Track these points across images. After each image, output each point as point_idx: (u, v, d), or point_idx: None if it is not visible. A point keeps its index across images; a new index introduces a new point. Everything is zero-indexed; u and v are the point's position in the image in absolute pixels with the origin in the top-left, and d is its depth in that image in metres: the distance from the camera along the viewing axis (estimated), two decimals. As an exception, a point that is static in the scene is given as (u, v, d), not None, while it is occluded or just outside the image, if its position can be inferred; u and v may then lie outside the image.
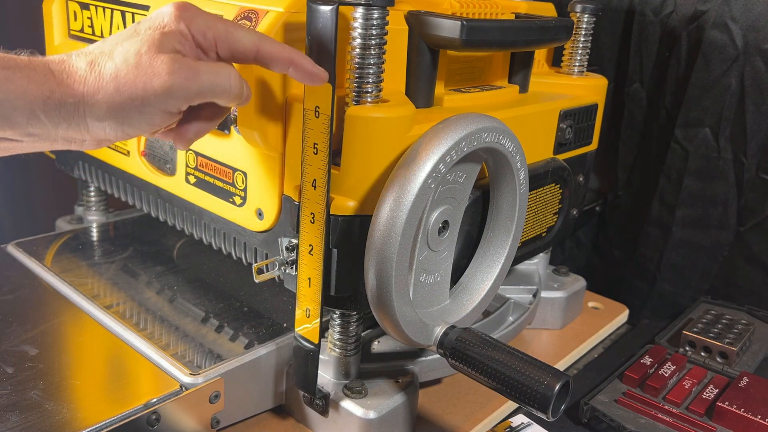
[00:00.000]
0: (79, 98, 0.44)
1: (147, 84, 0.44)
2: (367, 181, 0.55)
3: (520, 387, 0.52)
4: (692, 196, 0.93)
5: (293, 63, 0.49)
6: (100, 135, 0.46)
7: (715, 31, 0.86)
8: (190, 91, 0.45)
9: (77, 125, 0.45)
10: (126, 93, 0.44)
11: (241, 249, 0.67)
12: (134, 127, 0.46)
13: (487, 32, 0.62)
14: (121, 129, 0.46)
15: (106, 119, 0.45)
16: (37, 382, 0.60)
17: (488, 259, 0.65)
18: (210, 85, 0.46)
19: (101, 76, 0.44)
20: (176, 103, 0.45)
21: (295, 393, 0.67)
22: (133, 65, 0.44)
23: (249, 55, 0.49)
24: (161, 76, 0.44)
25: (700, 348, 0.82)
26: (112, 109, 0.44)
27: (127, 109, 0.44)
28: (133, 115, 0.45)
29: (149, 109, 0.45)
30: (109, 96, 0.44)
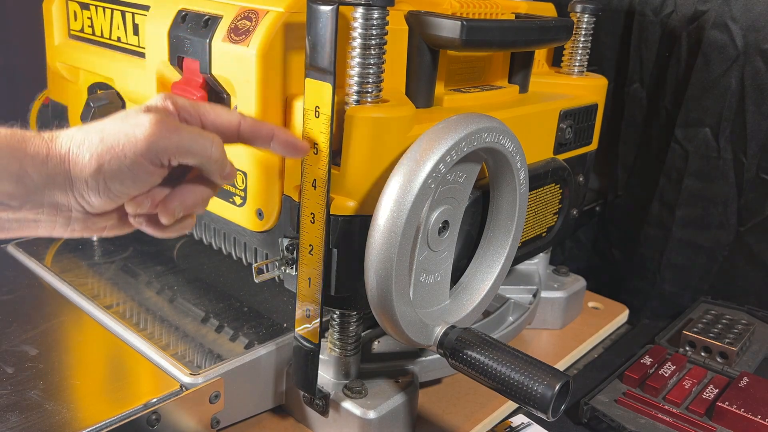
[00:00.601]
0: (64, 151, 0.45)
1: (130, 133, 0.45)
2: (367, 181, 0.55)
3: (520, 387, 0.52)
4: (692, 196, 0.93)
5: (275, 137, 0.51)
6: (83, 191, 0.45)
7: (715, 31, 0.86)
8: (171, 143, 0.46)
9: (62, 183, 0.45)
10: (109, 141, 0.45)
11: (241, 249, 0.67)
12: (118, 179, 0.45)
13: (487, 32, 0.62)
14: (104, 183, 0.45)
15: (90, 169, 0.45)
16: (37, 382, 0.60)
17: (488, 259, 0.65)
18: (191, 142, 0.46)
19: (87, 131, 0.45)
20: (158, 154, 0.45)
21: (295, 393, 0.67)
22: (119, 119, 0.46)
23: (232, 128, 0.50)
24: (144, 126, 0.45)
25: (700, 348, 0.82)
26: (94, 157, 0.44)
27: (110, 158, 0.45)
28: (115, 166, 0.45)
29: (132, 159, 0.45)
30: (93, 146, 0.45)
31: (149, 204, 0.48)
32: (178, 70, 0.63)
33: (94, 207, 0.47)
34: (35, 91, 0.92)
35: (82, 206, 0.46)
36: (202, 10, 0.61)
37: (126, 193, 0.47)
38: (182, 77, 0.63)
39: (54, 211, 0.46)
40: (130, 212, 0.48)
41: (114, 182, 0.45)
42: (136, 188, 0.47)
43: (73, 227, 0.47)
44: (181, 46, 0.62)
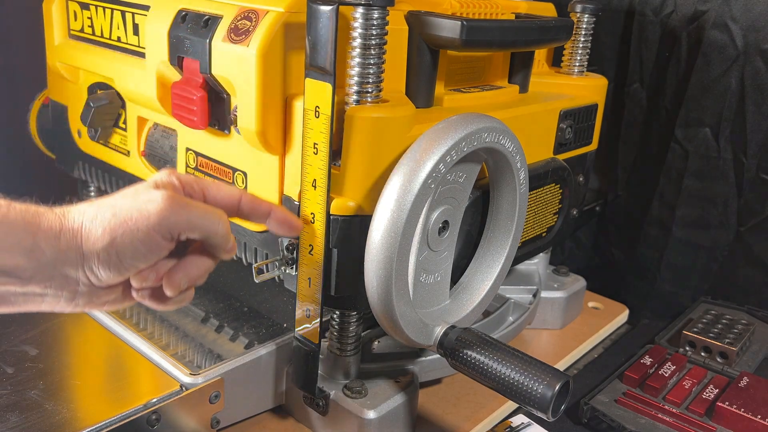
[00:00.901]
0: (77, 226, 0.46)
1: (143, 208, 0.46)
2: (367, 181, 0.55)
3: (520, 387, 0.52)
4: (692, 196, 0.93)
5: (272, 214, 0.54)
6: (93, 264, 0.46)
7: (715, 31, 0.86)
8: (181, 218, 0.47)
9: (74, 257, 0.46)
10: (122, 216, 0.46)
11: (241, 249, 0.67)
12: (129, 252, 0.47)
13: (487, 32, 0.62)
14: (116, 256, 0.46)
15: (102, 242, 0.46)
16: (37, 382, 0.60)
17: (488, 259, 0.65)
18: (200, 218, 0.48)
19: (100, 206, 0.47)
20: (169, 228, 0.47)
21: (295, 393, 0.67)
22: (131, 195, 0.48)
23: (233, 203, 0.52)
24: (157, 201, 0.47)
25: (700, 348, 0.82)
26: (107, 231, 0.46)
27: (122, 232, 0.46)
28: (128, 239, 0.46)
29: (144, 232, 0.46)
30: (106, 220, 0.46)
31: (154, 277, 0.49)
32: (178, 70, 0.63)
33: (102, 281, 0.48)
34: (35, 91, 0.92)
35: (89, 280, 0.47)
36: (202, 10, 0.61)
37: (135, 267, 0.48)
38: (182, 77, 0.63)
39: (61, 285, 0.47)
40: (135, 286, 0.49)
41: (125, 255, 0.47)
42: (145, 261, 0.48)
43: (77, 302, 0.48)
44: (181, 46, 0.62)
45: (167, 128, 0.72)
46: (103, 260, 0.47)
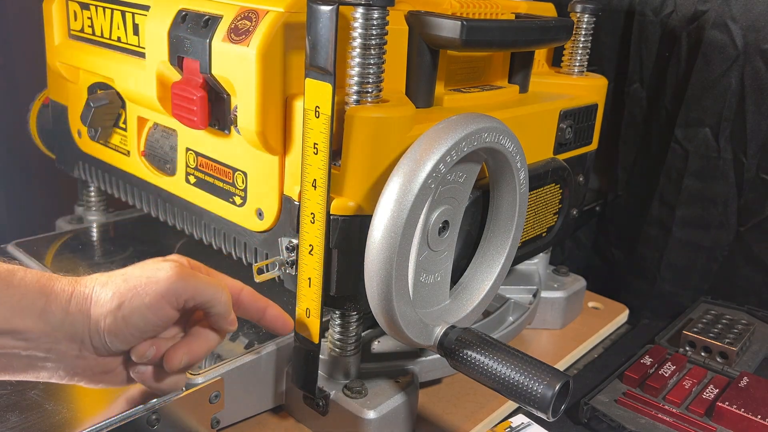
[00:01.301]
0: (89, 291, 0.49)
1: (152, 276, 0.49)
2: (367, 181, 0.55)
3: (520, 387, 0.52)
4: (692, 196, 0.93)
5: (266, 311, 0.58)
6: (99, 326, 0.48)
7: (715, 31, 0.86)
8: (189, 285, 0.50)
9: (81, 321, 0.48)
10: (132, 282, 0.49)
11: (241, 249, 0.67)
12: (135, 317, 0.49)
13: (487, 32, 0.62)
14: (122, 320, 0.48)
15: (111, 305, 0.48)
16: (37, 382, 0.59)
17: (488, 259, 0.65)
18: (205, 287, 0.51)
19: (111, 275, 0.50)
20: (176, 295, 0.50)
21: (295, 393, 0.67)
22: (141, 265, 0.51)
23: (234, 292, 0.56)
24: (166, 269, 0.50)
25: (700, 348, 0.82)
26: (116, 295, 0.48)
27: (131, 296, 0.48)
28: (136, 303, 0.48)
29: (152, 297, 0.49)
30: (116, 285, 0.49)
31: (154, 353, 0.51)
32: (178, 70, 0.63)
33: (105, 348, 0.49)
34: (35, 91, 0.92)
35: (92, 346, 0.49)
36: (202, 10, 0.61)
37: (140, 333, 0.50)
38: (182, 77, 0.63)
39: (64, 352, 0.48)
40: (135, 358, 0.51)
41: (131, 319, 0.49)
42: (150, 328, 0.50)
43: (75, 373, 0.50)
44: (181, 46, 0.62)
45: (167, 128, 0.72)
46: (110, 324, 0.48)
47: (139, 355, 0.51)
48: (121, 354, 0.51)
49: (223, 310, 0.53)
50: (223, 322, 0.54)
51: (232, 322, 0.55)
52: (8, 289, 0.45)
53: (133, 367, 0.52)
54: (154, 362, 0.52)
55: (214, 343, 0.55)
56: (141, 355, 0.51)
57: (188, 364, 0.53)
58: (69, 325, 0.47)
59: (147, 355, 0.51)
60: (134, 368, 0.52)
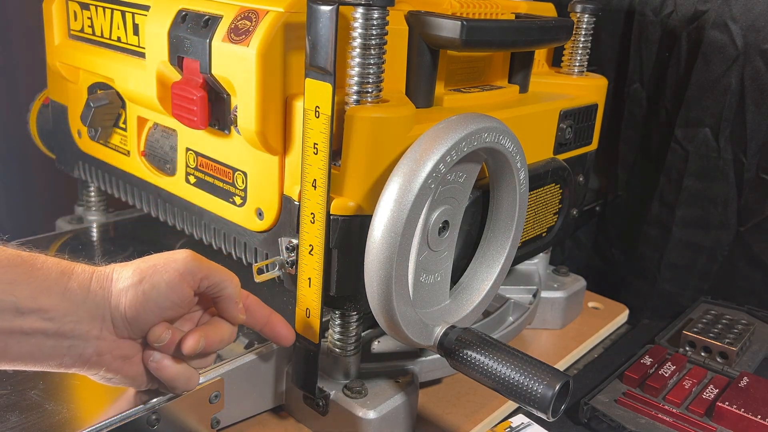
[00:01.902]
0: (109, 270, 0.51)
1: (170, 257, 0.53)
2: (367, 181, 0.55)
3: (520, 387, 0.52)
4: (692, 196, 0.93)
5: (269, 319, 0.60)
6: (120, 301, 0.50)
7: (715, 31, 0.86)
8: (203, 268, 0.53)
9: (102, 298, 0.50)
10: (151, 261, 0.52)
11: (241, 249, 0.67)
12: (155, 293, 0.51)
13: (487, 32, 0.62)
14: (142, 295, 0.51)
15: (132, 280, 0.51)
16: (37, 382, 0.59)
17: (488, 259, 0.65)
18: (217, 270, 0.55)
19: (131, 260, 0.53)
20: (193, 274, 0.53)
21: (295, 393, 0.67)
22: (156, 253, 0.54)
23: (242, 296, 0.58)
24: (183, 253, 0.53)
25: (700, 348, 0.82)
26: (136, 272, 0.51)
27: (151, 273, 0.51)
28: (156, 279, 0.51)
29: (171, 275, 0.52)
30: (135, 264, 0.52)
31: (169, 336, 0.53)
32: (178, 70, 0.63)
33: (124, 326, 0.51)
34: (35, 91, 0.92)
35: (113, 325, 0.51)
36: (202, 10, 0.61)
37: (158, 311, 0.52)
38: (182, 77, 0.63)
39: (86, 331, 0.50)
40: (151, 340, 0.52)
41: (150, 294, 0.51)
42: (167, 305, 0.52)
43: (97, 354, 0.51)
44: (181, 46, 0.62)
45: (167, 128, 0.72)
46: (131, 298, 0.50)
47: (156, 337, 0.52)
48: (140, 338, 0.53)
49: (233, 292, 0.56)
50: (234, 307, 0.56)
51: (241, 310, 0.57)
52: (32, 271, 0.48)
53: (149, 356, 0.53)
54: (170, 350, 0.53)
55: (227, 333, 0.56)
56: (157, 337, 0.52)
57: (204, 350, 0.54)
58: (90, 302, 0.49)
59: (163, 339, 0.52)
60: (151, 357, 0.53)
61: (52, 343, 0.48)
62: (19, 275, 0.47)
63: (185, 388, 0.56)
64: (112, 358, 0.51)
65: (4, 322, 0.46)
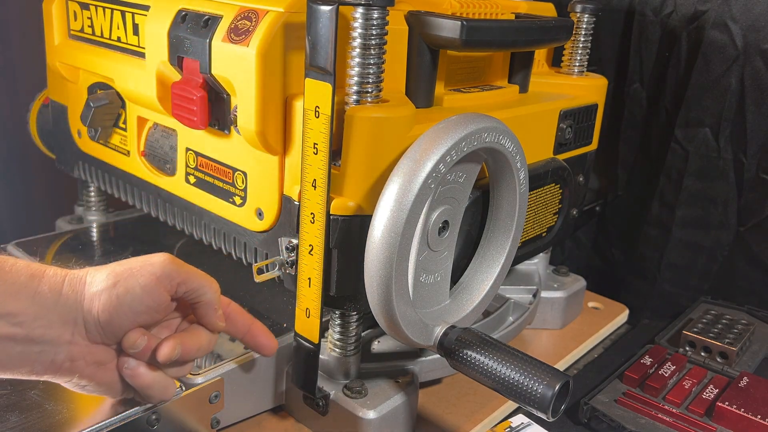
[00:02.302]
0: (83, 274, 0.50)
1: (146, 260, 0.51)
2: (367, 181, 0.55)
3: (520, 387, 0.52)
4: (692, 196, 0.93)
5: (250, 329, 0.58)
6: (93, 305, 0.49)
7: (715, 31, 0.86)
8: (181, 272, 0.52)
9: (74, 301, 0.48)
10: (127, 264, 0.51)
11: (241, 249, 0.67)
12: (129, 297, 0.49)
13: (487, 32, 0.62)
14: (116, 299, 0.49)
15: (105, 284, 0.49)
16: (37, 382, 0.59)
17: (488, 259, 0.65)
18: (196, 275, 0.53)
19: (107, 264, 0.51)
20: (170, 278, 0.51)
21: (295, 393, 0.67)
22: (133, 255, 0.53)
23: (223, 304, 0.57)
24: (160, 257, 0.52)
25: (700, 348, 0.82)
26: (111, 275, 0.49)
27: (126, 276, 0.50)
28: (130, 283, 0.50)
29: (146, 278, 0.50)
30: (110, 268, 0.50)
31: (144, 343, 0.51)
32: (178, 70, 0.63)
33: (97, 331, 0.49)
34: (35, 91, 0.92)
35: (85, 329, 0.49)
36: (202, 10, 0.61)
37: (132, 316, 0.50)
38: (182, 77, 0.63)
39: (57, 336, 0.48)
40: (125, 346, 0.51)
41: (125, 299, 0.49)
42: (142, 310, 0.50)
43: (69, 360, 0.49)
44: (181, 46, 0.62)
45: (167, 128, 0.72)
46: (104, 302, 0.49)
47: (130, 343, 0.50)
48: (114, 344, 0.51)
49: (212, 298, 0.54)
50: (213, 314, 0.54)
51: (220, 317, 0.55)
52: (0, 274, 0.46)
53: (123, 363, 0.51)
54: (145, 357, 0.52)
55: (205, 341, 0.55)
56: (132, 344, 0.50)
57: (181, 358, 0.53)
58: (62, 306, 0.48)
59: (138, 345, 0.50)
60: (125, 364, 0.51)
61: (21, 349, 0.47)
62: None
63: (161, 398, 0.54)
64: (86, 364, 0.50)
65: None
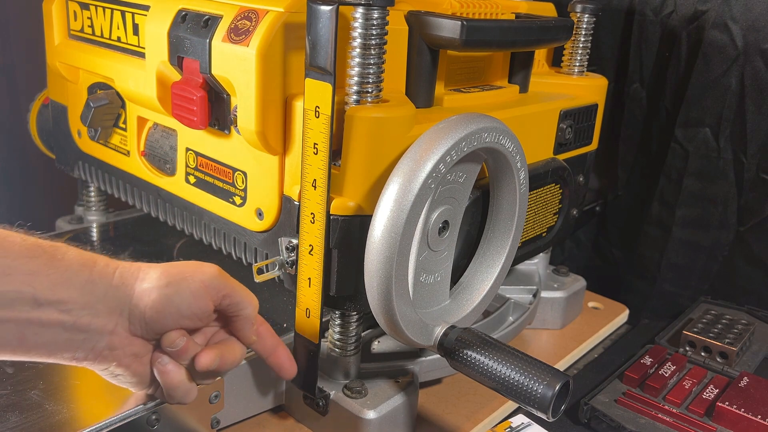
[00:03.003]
0: (135, 268, 0.51)
1: (197, 268, 0.53)
2: (367, 181, 0.55)
3: (520, 387, 0.52)
4: (692, 196, 0.93)
5: (275, 352, 0.59)
6: (141, 300, 0.50)
7: (715, 31, 0.86)
8: (228, 285, 0.53)
9: (124, 294, 0.50)
10: (179, 267, 0.52)
11: (241, 249, 0.67)
12: (177, 299, 0.51)
13: (487, 32, 0.62)
14: (166, 299, 0.50)
15: (158, 282, 0.50)
16: (37, 382, 0.59)
17: (488, 259, 0.65)
18: (240, 290, 0.55)
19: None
20: (217, 289, 0.53)
21: (295, 393, 0.67)
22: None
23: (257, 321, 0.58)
24: (211, 267, 0.54)
25: (700, 348, 0.82)
26: (164, 275, 0.51)
27: (179, 279, 0.51)
28: (181, 286, 0.51)
29: (196, 284, 0.52)
30: (163, 268, 0.52)
31: (183, 343, 0.52)
32: (178, 70, 0.63)
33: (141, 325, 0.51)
34: (35, 91, 0.92)
35: (129, 321, 0.50)
36: (202, 10, 0.61)
37: (176, 317, 0.52)
38: (182, 77, 0.63)
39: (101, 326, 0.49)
40: (165, 344, 0.52)
41: (174, 299, 0.51)
42: (187, 314, 0.52)
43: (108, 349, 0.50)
44: (181, 46, 0.62)
45: (167, 128, 0.72)
46: (154, 299, 0.50)
47: (170, 341, 0.52)
48: (153, 340, 0.52)
49: (251, 314, 0.56)
50: (249, 328, 0.56)
51: (255, 332, 0.57)
52: (53, 261, 0.47)
53: (157, 358, 0.52)
54: (180, 358, 0.53)
55: (240, 355, 0.56)
56: (172, 342, 0.52)
57: (217, 368, 0.54)
58: (112, 297, 0.49)
59: (177, 344, 0.52)
60: (159, 359, 0.52)
61: (68, 336, 0.48)
62: (39, 266, 0.46)
63: (181, 400, 0.55)
64: (123, 354, 0.51)
65: (22, 313, 0.45)
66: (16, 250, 0.46)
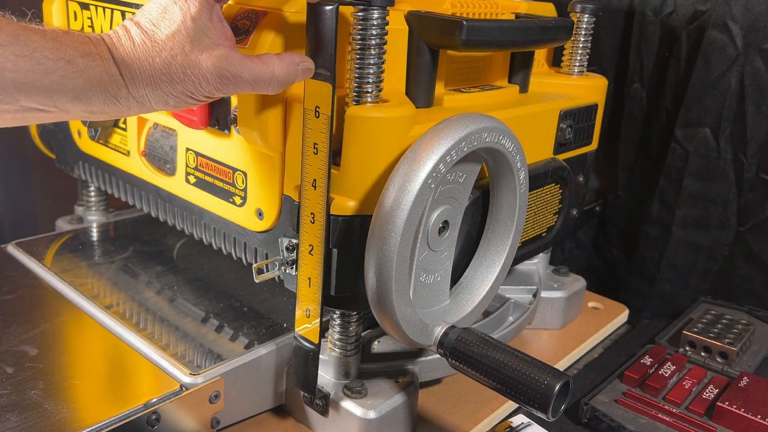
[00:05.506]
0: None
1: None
2: (367, 181, 0.55)
3: (520, 387, 0.52)
4: (692, 196, 0.93)
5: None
6: (139, 92, 0.48)
7: (715, 31, 0.86)
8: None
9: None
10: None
11: (241, 249, 0.67)
12: (176, 84, 0.48)
13: (487, 32, 0.62)
14: (169, 84, 0.48)
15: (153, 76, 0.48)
16: (37, 382, 0.60)
17: (488, 259, 0.65)
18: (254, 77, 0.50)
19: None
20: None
21: (295, 393, 0.67)
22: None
23: None
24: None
25: (700, 348, 0.82)
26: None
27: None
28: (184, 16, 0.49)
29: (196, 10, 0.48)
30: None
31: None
32: (178, 70, 0.63)
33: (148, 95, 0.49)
34: (35, 91, 0.92)
35: (135, 98, 0.48)
36: (202, 10, 0.61)
37: (184, 90, 0.49)
38: (182, 77, 0.63)
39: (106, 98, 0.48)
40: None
41: (175, 84, 0.48)
42: (194, 89, 0.49)
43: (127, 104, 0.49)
44: (181, 46, 0.62)
45: (167, 128, 0.72)
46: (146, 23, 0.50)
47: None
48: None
49: (274, 89, 0.52)
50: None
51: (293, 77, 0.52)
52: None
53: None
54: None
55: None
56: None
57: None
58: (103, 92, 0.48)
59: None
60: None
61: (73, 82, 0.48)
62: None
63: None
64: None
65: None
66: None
